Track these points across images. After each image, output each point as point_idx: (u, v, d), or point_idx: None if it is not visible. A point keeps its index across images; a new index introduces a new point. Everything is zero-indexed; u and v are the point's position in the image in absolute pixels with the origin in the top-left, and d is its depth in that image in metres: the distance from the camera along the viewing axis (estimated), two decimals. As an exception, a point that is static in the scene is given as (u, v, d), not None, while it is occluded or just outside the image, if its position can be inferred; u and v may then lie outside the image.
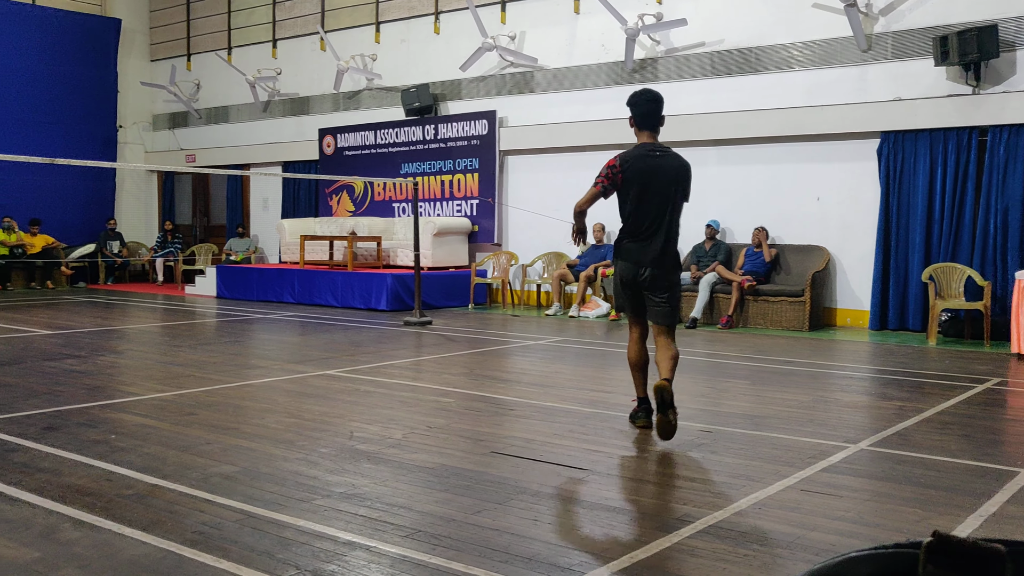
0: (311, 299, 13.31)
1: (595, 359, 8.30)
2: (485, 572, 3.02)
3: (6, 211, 16.35)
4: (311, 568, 3.05)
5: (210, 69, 17.89)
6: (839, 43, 10.72)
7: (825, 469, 4.40)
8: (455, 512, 3.67)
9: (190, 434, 5.03)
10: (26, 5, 17.05)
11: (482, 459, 4.54)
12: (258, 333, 10.27)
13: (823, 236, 11.00)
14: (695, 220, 11.81)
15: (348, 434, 5.04)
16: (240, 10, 17.38)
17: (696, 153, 11.88)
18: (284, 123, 16.75)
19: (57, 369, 7.27)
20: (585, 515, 3.67)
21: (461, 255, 13.85)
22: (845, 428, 5.36)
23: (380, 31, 15.16)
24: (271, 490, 3.95)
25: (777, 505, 3.81)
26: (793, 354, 8.55)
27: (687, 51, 11.92)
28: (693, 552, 3.25)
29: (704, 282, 10.91)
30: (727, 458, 4.61)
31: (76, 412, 5.59)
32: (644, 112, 5.28)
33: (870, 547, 0.68)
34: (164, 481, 4.06)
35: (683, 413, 5.76)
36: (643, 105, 5.26)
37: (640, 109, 5.27)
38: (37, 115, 17.06)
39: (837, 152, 10.87)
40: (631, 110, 5.31)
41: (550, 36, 13.14)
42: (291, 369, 7.43)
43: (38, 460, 4.42)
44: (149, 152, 19.11)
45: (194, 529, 3.42)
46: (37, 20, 17.12)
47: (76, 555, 3.15)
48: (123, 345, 9.02)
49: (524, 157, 13.57)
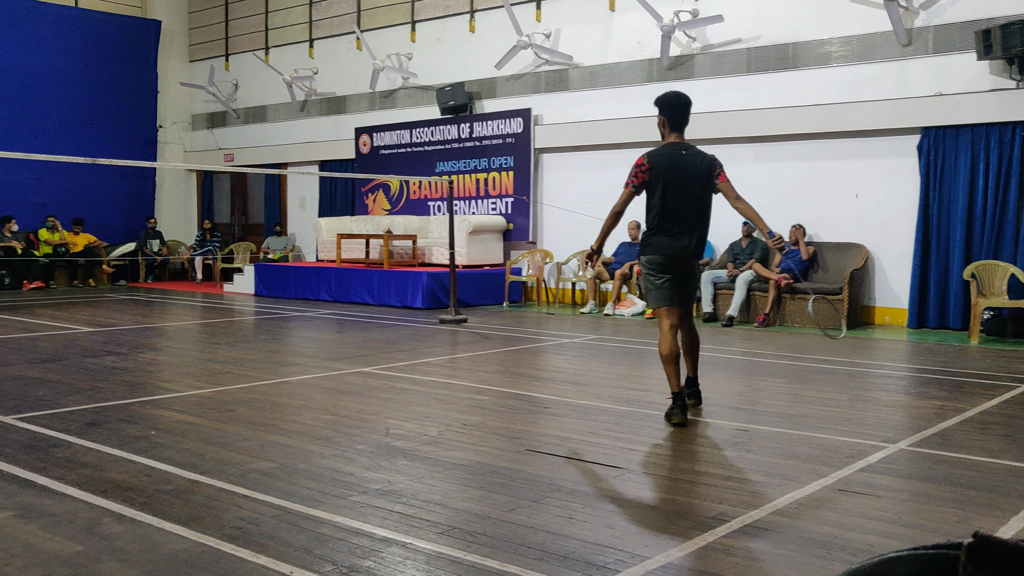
0: (347, 297, 13.40)
1: (630, 357, 8.28)
2: (520, 569, 3.02)
3: (50, 211, 16.66)
4: (347, 564, 3.08)
5: (248, 69, 18.08)
6: (878, 38, 10.57)
7: (863, 469, 4.35)
8: (490, 509, 3.68)
9: (228, 430, 5.09)
10: (69, 8, 17.34)
11: (517, 457, 4.55)
12: (295, 331, 10.36)
13: (861, 233, 10.86)
14: (731, 218, 11.69)
15: (384, 431, 5.07)
16: (277, 10, 17.53)
17: (733, 150, 11.81)
18: (321, 122, 16.87)
19: (99, 366, 7.39)
20: (620, 513, 3.66)
21: (496, 253, 13.87)
22: (883, 428, 5.29)
23: (416, 30, 15.22)
24: (308, 486, 3.98)
25: (814, 505, 3.77)
26: (830, 353, 8.46)
27: (723, 48, 11.83)
28: (729, 551, 3.23)
29: (740, 280, 10.82)
30: (763, 457, 4.58)
31: (117, 408, 5.68)
32: (678, 114, 5.53)
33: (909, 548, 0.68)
34: (203, 477, 4.11)
35: (719, 412, 5.73)
36: (678, 107, 5.51)
37: (674, 111, 5.51)
38: (79, 116, 17.36)
39: (876, 148, 10.73)
40: (664, 112, 5.54)
41: (585, 34, 13.11)
42: (328, 366, 7.49)
43: (80, 455, 4.50)
44: (188, 152, 19.35)
45: (232, 524, 3.46)
46: (80, 22, 17.41)
47: (117, 549, 3.20)
48: (163, 342, 9.15)
49: (559, 155, 13.56)
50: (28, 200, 16.65)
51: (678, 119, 5.53)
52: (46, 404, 5.78)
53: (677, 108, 5.51)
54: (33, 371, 7.08)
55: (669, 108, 5.51)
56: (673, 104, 5.51)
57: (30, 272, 15.89)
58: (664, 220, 5.45)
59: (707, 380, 6.93)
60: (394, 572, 3.02)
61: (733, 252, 11.43)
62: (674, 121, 5.53)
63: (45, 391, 6.23)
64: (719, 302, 11.17)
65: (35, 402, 5.84)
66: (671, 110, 5.51)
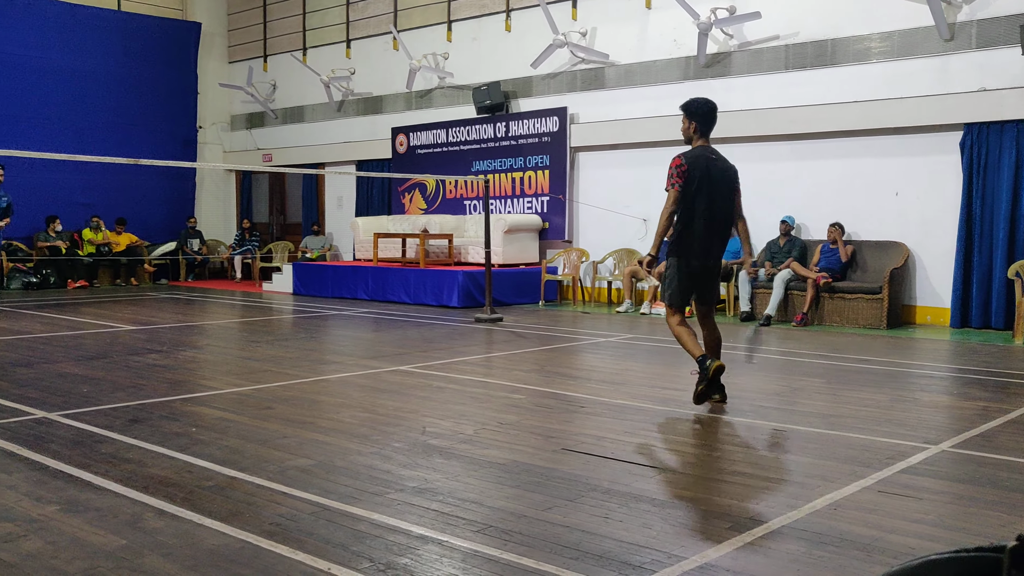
0: (384, 296, 13.48)
1: (666, 356, 8.23)
2: (556, 568, 3.03)
3: (93, 211, 16.95)
4: (384, 561, 3.10)
5: (286, 70, 18.25)
6: (920, 33, 10.42)
7: (904, 470, 4.29)
8: (526, 508, 3.69)
9: (267, 428, 5.15)
10: (111, 11, 17.62)
11: (553, 456, 4.55)
12: (333, 329, 10.45)
13: (902, 232, 10.72)
14: (769, 216, 11.63)
15: (421, 429, 5.10)
16: (315, 11, 17.68)
17: (770, 148, 11.72)
18: (358, 122, 16.99)
19: (141, 364, 7.51)
20: (656, 513, 3.65)
21: (532, 252, 13.87)
22: (925, 428, 5.22)
23: (452, 30, 15.27)
24: (346, 483, 4.02)
25: (853, 506, 3.74)
26: (870, 352, 8.36)
27: (761, 45, 11.73)
28: (766, 552, 3.21)
29: (779, 279, 10.73)
30: (801, 457, 4.54)
31: (159, 405, 5.77)
32: (708, 120, 5.80)
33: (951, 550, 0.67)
34: (242, 473, 4.17)
35: (756, 412, 5.69)
36: (709, 114, 5.78)
37: (706, 118, 5.77)
38: (122, 117, 17.64)
39: (917, 145, 10.58)
40: (694, 117, 5.77)
41: (621, 32, 13.06)
42: (365, 365, 7.55)
43: (123, 451, 4.58)
44: (227, 152, 19.58)
45: (271, 521, 3.50)
46: (122, 25, 17.69)
47: (159, 543, 3.26)
48: (203, 340, 9.27)
49: (595, 153, 13.53)
50: (72, 200, 16.96)
51: (708, 125, 5.78)
52: (91, 401, 5.89)
53: (708, 115, 5.76)
54: (78, 368, 7.21)
55: (700, 115, 5.74)
56: (705, 111, 5.75)
57: (75, 271, 16.19)
58: (696, 223, 5.64)
59: (744, 379, 6.89)
60: (430, 569, 3.04)
61: (771, 251, 11.33)
62: (704, 127, 5.77)
63: (90, 388, 6.35)
64: (757, 301, 11.08)
65: (80, 399, 5.96)
66: (702, 116, 5.75)
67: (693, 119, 5.76)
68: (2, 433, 4.95)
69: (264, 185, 19.52)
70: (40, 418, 5.36)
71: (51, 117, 16.64)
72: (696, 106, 5.77)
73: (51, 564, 3.05)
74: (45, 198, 16.47)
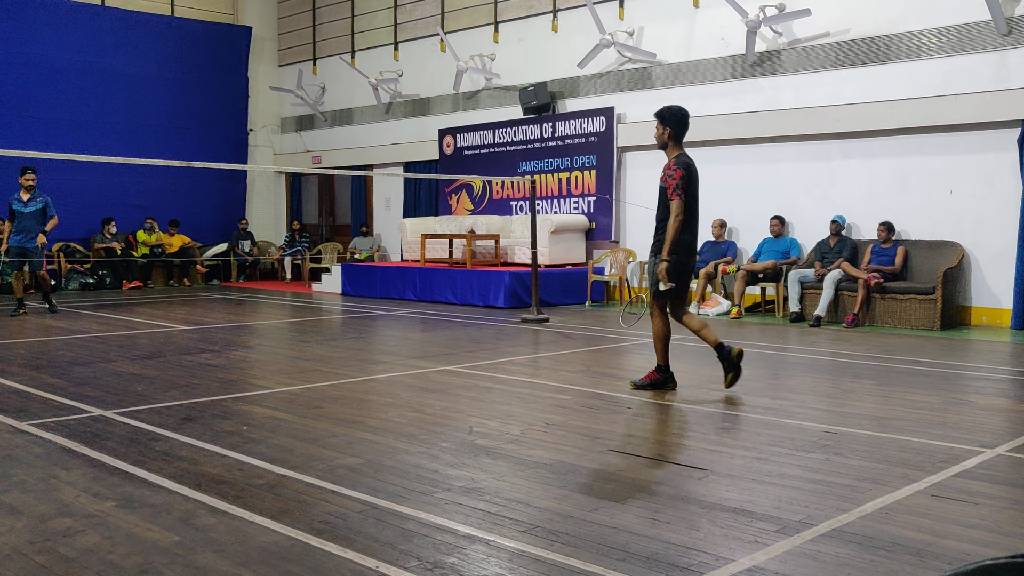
0: (431, 296, 13.56)
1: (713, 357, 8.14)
2: (602, 570, 3.03)
3: (147, 213, 17.32)
4: (432, 560, 3.13)
5: (335, 72, 18.45)
6: (976, 28, 10.20)
7: (958, 474, 4.21)
8: (573, 509, 3.69)
9: (317, 427, 5.21)
10: (165, 17, 17.98)
11: (599, 456, 4.54)
12: (381, 329, 10.54)
13: (956, 231, 10.50)
14: (819, 216, 11.48)
15: (468, 429, 5.12)
16: (363, 14, 17.85)
17: (820, 147, 11.58)
18: (405, 124, 17.11)
19: (194, 363, 7.64)
20: (704, 515, 3.62)
21: (578, 252, 13.85)
22: (981, 432, 5.11)
23: (498, 31, 15.30)
24: (394, 482, 4.06)
25: (906, 510, 3.68)
26: (923, 354, 8.21)
27: (810, 42, 11.58)
28: (815, 556, 3.17)
29: (829, 279, 10.58)
30: (852, 460, 4.47)
31: (211, 404, 5.88)
32: (682, 127, 6.21)
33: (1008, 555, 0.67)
34: (292, 472, 4.22)
35: (806, 414, 5.62)
36: (682, 121, 6.19)
37: (679, 124, 6.18)
38: (176, 121, 17.98)
39: (973, 143, 10.36)
40: (670, 124, 6.16)
41: (668, 31, 12.98)
42: (413, 364, 7.60)
43: (177, 449, 4.67)
44: (277, 154, 19.85)
45: (320, 519, 3.55)
46: (176, 30, 18.04)
47: (212, 540, 3.32)
48: (254, 340, 9.41)
49: (642, 153, 13.46)
50: (127, 202, 17.33)
51: (682, 131, 6.20)
52: (145, 399, 6.01)
53: (682, 121, 6.17)
54: (133, 367, 7.37)
55: (675, 121, 6.15)
56: (680, 118, 6.17)
57: (129, 272, 16.55)
58: (692, 225, 6.10)
59: (794, 381, 6.82)
60: (477, 569, 3.06)
61: (821, 251, 11.17)
62: (678, 133, 6.18)
63: (144, 387, 6.48)
64: (806, 302, 10.93)
65: (135, 397, 6.09)
66: (680, 123, 6.17)
67: (668, 125, 6.15)
68: (61, 430, 5.08)
69: (313, 187, 19.75)
70: (97, 416, 5.49)
71: (107, 121, 17.03)
72: (671, 113, 6.17)
73: (108, 559, 3.13)
74: (101, 200, 16.88)
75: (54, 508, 3.69)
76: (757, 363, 7.69)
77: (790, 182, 11.90)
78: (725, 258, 12.03)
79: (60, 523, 3.50)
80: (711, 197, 12.60)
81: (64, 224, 16.71)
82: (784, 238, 11.73)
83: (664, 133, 6.18)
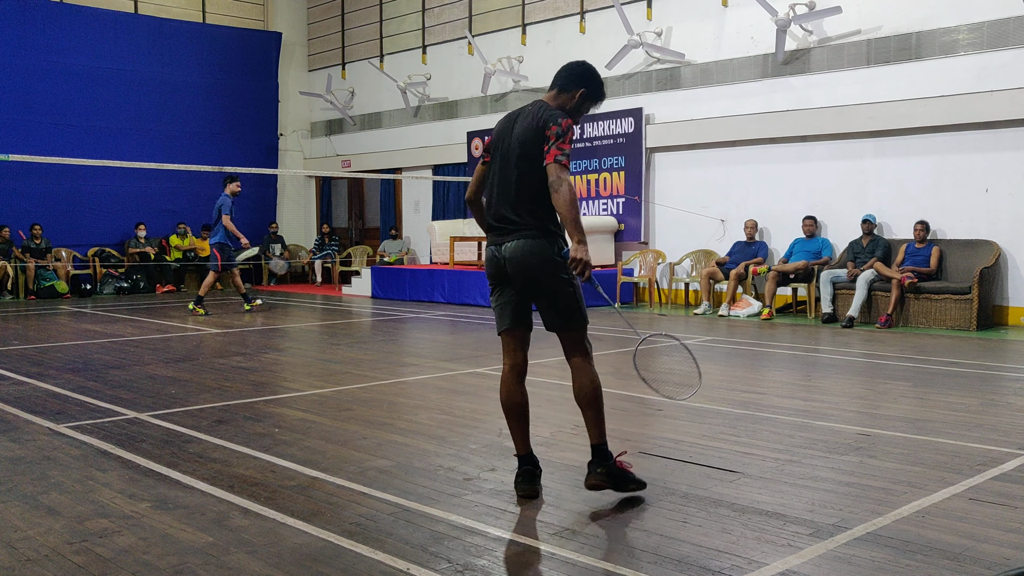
0: (460, 299, 13.58)
1: (745, 359, 8.11)
2: (633, 572, 3.01)
3: (180, 217, 17.51)
4: (462, 562, 3.13)
5: (363, 77, 18.54)
6: (1012, 23, 10.05)
7: (996, 477, 4.15)
8: (603, 511, 3.68)
9: (348, 429, 5.24)
10: (197, 24, 18.18)
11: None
12: (411, 332, 10.57)
13: (992, 230, 10.35)
14: (851, 215, 11.36)
15: (497, 431, 5.12)
16: (391, 18, 17.93)
17: (852, 146, 11.46)
18: (434, 127, 17.16)
19: (226, 366, 7.71)
20: (736, 518, 3.59)
21: (607, 254, 13.81)
22: (1019, 434, 5.02)
23: (526, 33, 15.31)
24: (424, 485, 4.07)
25: (942, 514, 3.62)
26: (959, 355, 8.09)
27: (841, 40, 11.47)
28: (850, 560, 3.13)
29: (861, 279, 10.46)
30: (886, 463, 4.42)
31: (243, 406, 5.92)
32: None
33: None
34: (323, 474, 4.25)
35: (839, 416, 5.55)
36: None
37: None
38: (208, 127, 18.16)
39: (1009, 140, 10.20)
40: (596, 90, 4.60)
41: (697, 30, 12.92)
42: (442, 367, 7.62)
43: (210, 451, 4.71)
44: (307, 159, 19.99)
45: (351, 521, 3.56)
46: (208, 37, 18.23)
47: (245, 541, 3.34)
48: (285, 343, 9.48)
49: (671, 154, 13.40)
50: (160, 207, 17.54)
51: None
52: (178, 402, 6.08)
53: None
54: (167, 370, 7.45)
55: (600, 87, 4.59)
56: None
57: (163, 276, 16.74)
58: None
59: (826, 383, 6.75)
60: (508, 572, 3.05)
61: (853, 251, 11.06)
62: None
63: (177, 389, 6.55)
64: (839, 302, 10.82)
65: (169, 400, 6.15)
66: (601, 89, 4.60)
67: (595, 91, 4.63)
68: (97, 432, 5.14)
69: (343, 190, 19.86)
70: (132, 418, 5.55)
71: (143, 128, 17.26)
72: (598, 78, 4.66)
73: (143, 559, 3.16)
74: (135, 205, 17.10)
75: (91, 509, 3.74)
76: (789, 365, 7.62)
77: (822, 182, 11.79)
78: (756, 259, 11.94)
79: (97, 524, 3.55)
80: (743, 197, 12.54)
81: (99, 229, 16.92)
82: (816, 238, 11.62)
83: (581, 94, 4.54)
